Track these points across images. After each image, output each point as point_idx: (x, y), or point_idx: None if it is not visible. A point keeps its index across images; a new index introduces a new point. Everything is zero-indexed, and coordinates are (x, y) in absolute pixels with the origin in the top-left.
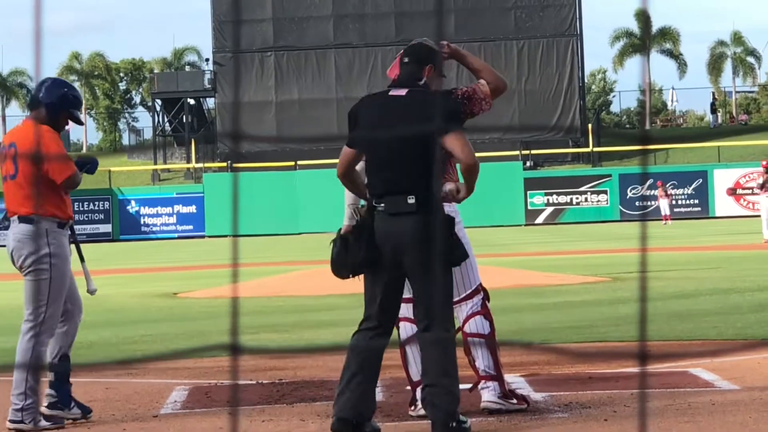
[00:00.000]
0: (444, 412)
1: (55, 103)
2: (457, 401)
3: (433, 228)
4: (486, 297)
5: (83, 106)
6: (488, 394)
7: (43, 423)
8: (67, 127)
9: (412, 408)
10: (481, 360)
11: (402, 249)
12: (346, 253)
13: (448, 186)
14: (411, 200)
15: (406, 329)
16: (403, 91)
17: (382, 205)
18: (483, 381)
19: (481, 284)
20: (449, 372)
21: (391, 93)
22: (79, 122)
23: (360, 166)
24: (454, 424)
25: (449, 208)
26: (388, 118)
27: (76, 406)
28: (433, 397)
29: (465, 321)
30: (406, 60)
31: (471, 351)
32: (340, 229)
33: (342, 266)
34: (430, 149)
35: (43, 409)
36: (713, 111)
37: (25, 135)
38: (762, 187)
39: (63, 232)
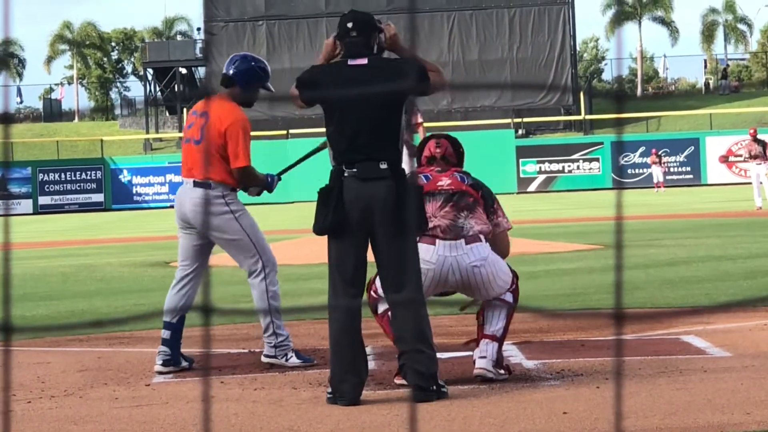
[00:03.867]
0: (425, 376)
1: (247, 81)
2: (436, 363)
3: (404, 193)
4: (516, 276)
5: (269, 77)
6: (483, 362)
7: (294, 360)
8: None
9: (398, 378)
10: (494, 323)
11: (372, 213)
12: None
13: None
14: (383, 166)
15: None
16: (363, 60)
17: (354, 170)
18: (484, 340)
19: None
20: (426, 335)
21: (350, 63)
22: (270, 91)
23: None
24: (434, 387)
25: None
26: (355, 87)
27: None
28: (413, 363)
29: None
30: (354, 34)
31: (485, 312)
32: None
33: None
34: (398, 116)
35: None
36: (724, 77)
37: (220, 112)
38: (751, 155)
39: (234, 193)
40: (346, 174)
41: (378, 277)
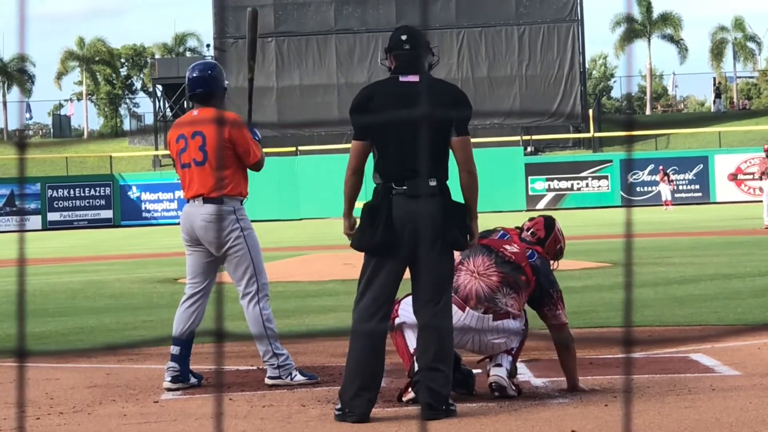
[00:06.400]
0: (437, 395)
1: (224, 87)
2: (451, 384)
3: (451, 210)
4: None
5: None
6: (498, 370)
7: (299, 378)
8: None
9: (407, 395)
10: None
11: (419, 230)
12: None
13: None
14: (432, 183)
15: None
16: (415, 78)
17: (404, 187)
18: (501, 354)
19: None
20: (449, 357)
21: (402, 79)
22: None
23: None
24: (444, 407)
25: None
26: (407, 104)
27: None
28: (430, 381)
29: None
30: (407, 47)
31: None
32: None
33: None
34: (447, 133)
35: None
36: (718, 95)
37: (212, 126)
38: (763, 173)
39: (244, 209)
40: (394, 192)
41: (402, 300)
